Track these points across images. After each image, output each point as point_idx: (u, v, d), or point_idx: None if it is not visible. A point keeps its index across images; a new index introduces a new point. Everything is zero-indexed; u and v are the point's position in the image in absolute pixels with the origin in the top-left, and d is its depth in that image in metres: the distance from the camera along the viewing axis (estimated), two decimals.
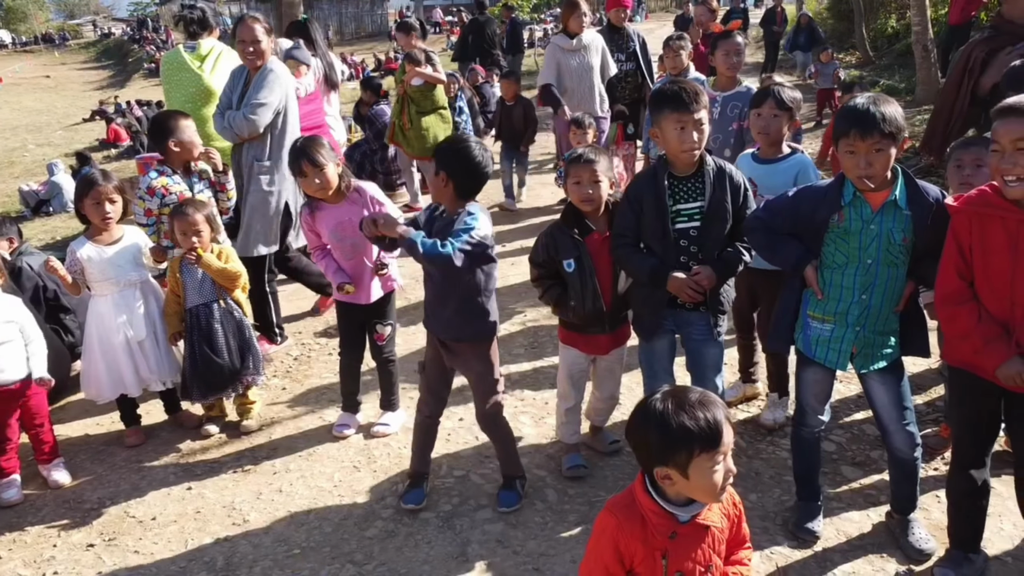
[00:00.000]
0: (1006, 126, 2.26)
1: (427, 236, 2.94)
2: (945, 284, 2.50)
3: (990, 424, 2.61)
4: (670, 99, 2.89)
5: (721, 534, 1.95)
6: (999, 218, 2.33)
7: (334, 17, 35.09)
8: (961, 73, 3.81)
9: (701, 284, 2.92)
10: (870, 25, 16.37)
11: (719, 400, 1.83)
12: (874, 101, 2.53)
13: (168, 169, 4.14)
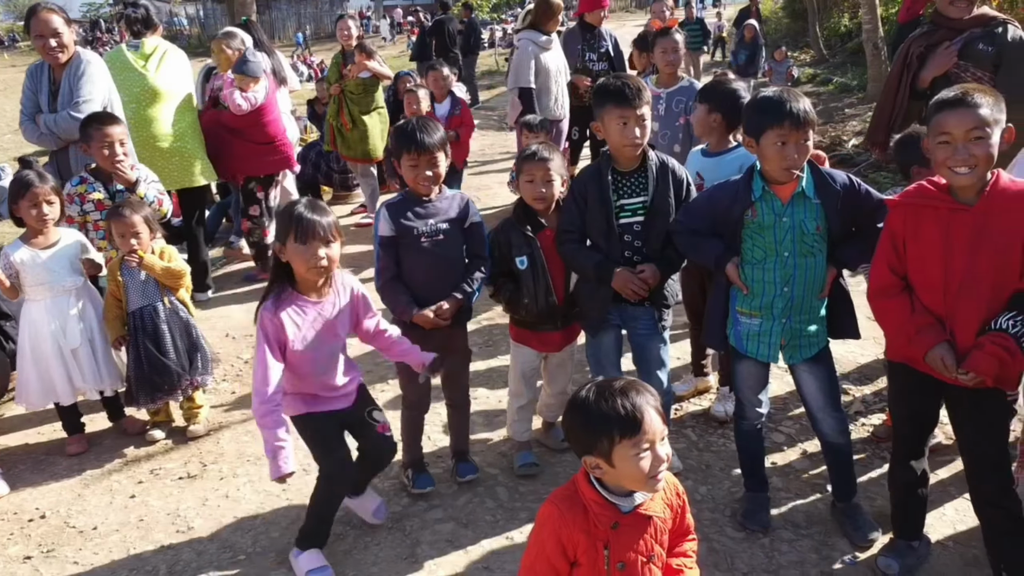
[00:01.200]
0: (958, 116, 2.24)
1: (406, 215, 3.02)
2: (878, 278, 2.52)
3: (928, 417, 2.65)
4: (612, 94, 2.89)
5: (664, 524, 1.94)
6: (932, 208, 2.36)
7: (292, 18, 34.72)
8: (900, 68, 3.87)
9: (646, 281, 2.93)
10: (823, 24, 16.66)
11: (648, 388, 1.83)
12: (792, 95, 2.59)
13: (89, 176, 4.06)
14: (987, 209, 2.28)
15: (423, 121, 3.05)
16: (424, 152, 2.96)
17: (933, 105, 2.34)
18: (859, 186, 2.71)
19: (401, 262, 3.08)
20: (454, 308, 3.09)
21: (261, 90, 5.64)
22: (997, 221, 2.26)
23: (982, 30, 3.70)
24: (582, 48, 6.53)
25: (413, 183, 3.04)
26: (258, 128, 5.62)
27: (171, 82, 4.95)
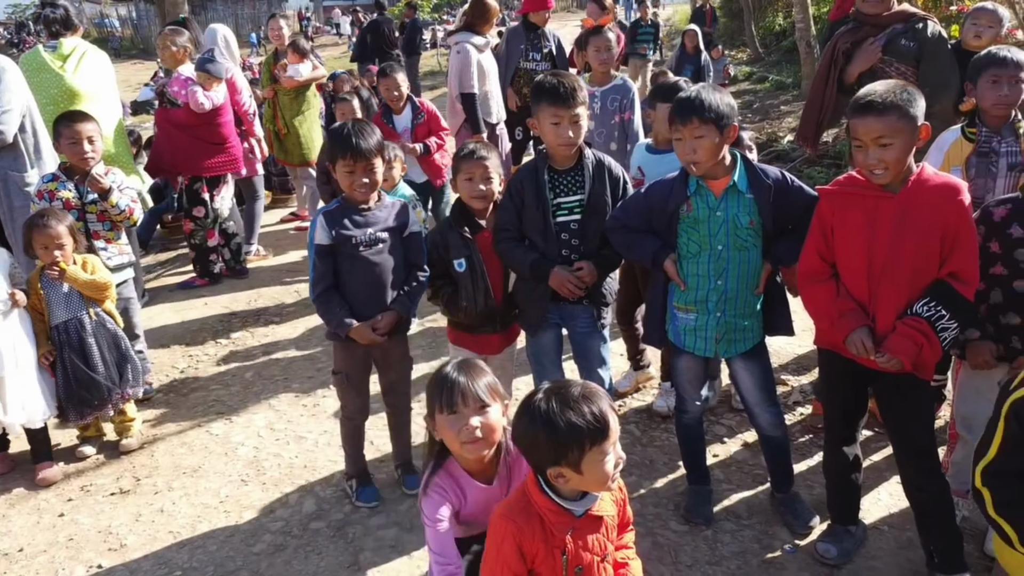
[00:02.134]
0: (865, 124, 2.32)
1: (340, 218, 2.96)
2: (806, 264, 2.58)
3: (858, 403, 2.71)
4: (547, 92, 2.88)
5: (613, 521, 1.96)
6: (859, 196, 2.42)
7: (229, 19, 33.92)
8: (828, 64, 3.96)
9: (583, 279, 2.93)
10: (759, 23, 17.01)
11: (601, 390, 1.83)
12: (702, 90, 2.63)
13: (62, 174, 3.93)
14: (909, 198, 2.35)
15: (359, 124, 2.98)
16: (360, 158, 2.89)
17: (850, 108, 2.40)
18: (791, 182, 2.75)
19: (338, 271, 3.01)
20: (391, 323, 3.04)
21: (222, 91, 5.53)
22: (918, 210, 2.34)
23: (904, 26, 3.80)
24: (525, 48, 6.33)
25: (349, 190, 2.98)
26: (211, 128, 5.52)
27: (91, 83, 4.78)
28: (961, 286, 2.34)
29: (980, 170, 3.02)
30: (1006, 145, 2.99)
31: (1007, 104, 2.94)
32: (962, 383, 2.82)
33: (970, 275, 2.35)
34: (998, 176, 3.00)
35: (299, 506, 3.25)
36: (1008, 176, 2.98)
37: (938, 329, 2.34)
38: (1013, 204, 2.50)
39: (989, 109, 2.98)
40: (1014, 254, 2.46)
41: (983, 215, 2.54)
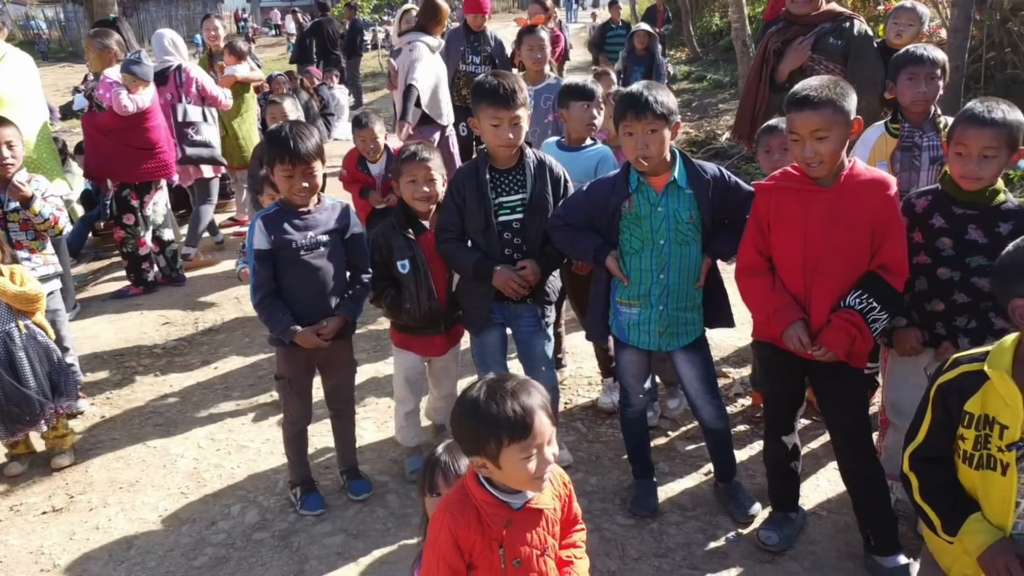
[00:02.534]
0: (803, 118, 2.39)
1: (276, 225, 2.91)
2: (743, 258, 2.64)
3: (794, 393, 2.78)
4: (487, 93, 2.88)
5: (555, 515, 1.94)
6: (794, 191, 2.49)
7: (163, 20, 33.05)
8: (760, 64, 4.06)
9: (526, 278, 2.93)
10: (696, 23, 17.31)
11: (538, 388, 1.81)
12: (649, 87, 2.67)
13: None
14: (842, 191, 2.43)
15: (298, 126, 2.91)
16: (299, 162, 2.84)
17: (786, 102, 2.47)
18: (728, 178, 2.81)
19: (279, 276, 2.95)
20: (337, 327, 3.00)
21: (149, 93, 5.36)
22: (850, 203, 2.42)
23: (832, 25, 3.92)
24: (464, 50, 6.34)
25: (288, 194, 2.92)
26: (139, 132, 5.34)
27: (10, 87, 4.59)
28: (891, 278, 2.43)
29: (904, 164, 3.12)
30: (927, 139, 3.10)
31: (925, 100, 3.06)
32: (890, 370, 2.91)
33: (900, 267, 2.44)
34: (921, 169, 3.11)
35: (242, 517, 3.18)
36: (931, 169, 3.10)
37: (869, 320, 2.42)
38: (933, 195, 2.59)
39: (909, 106, 3.10)
40: (935, 243, 2.55)
41: (906, 206, 2.63)
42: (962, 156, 2.42)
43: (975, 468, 1.79)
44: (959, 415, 1.81)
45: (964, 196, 2.49)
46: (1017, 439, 1.71)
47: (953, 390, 1.83)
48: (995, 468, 1.76)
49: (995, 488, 1.77)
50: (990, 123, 2.37)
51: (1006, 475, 1.73)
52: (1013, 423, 1.71)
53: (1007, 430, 1.72)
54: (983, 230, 2.47)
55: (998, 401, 1.74)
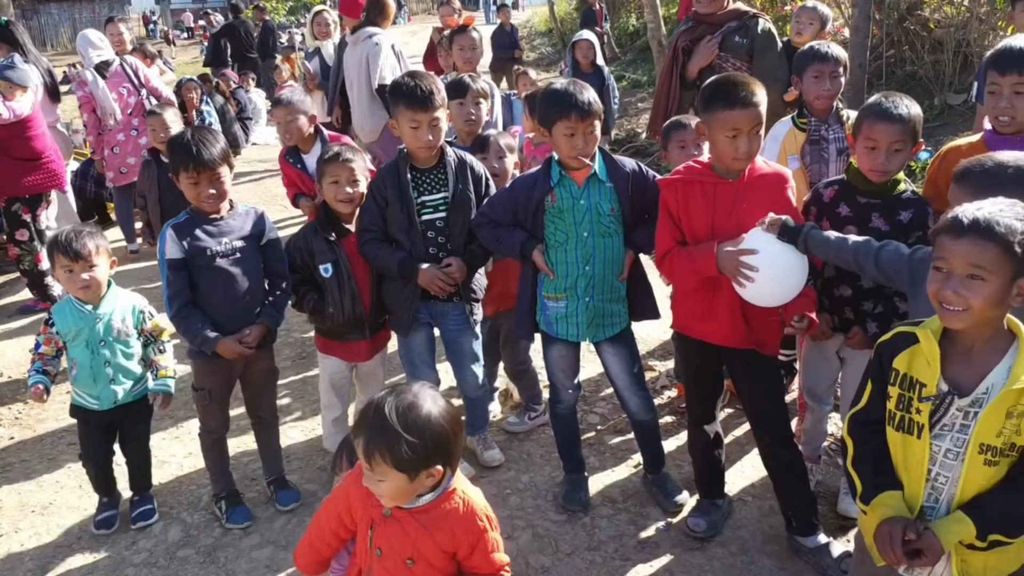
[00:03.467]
0: (747, 115, 2.42)
1: None
2: (661, 245, 2.69)
3: (714, 382, 2.86)
4: (404, 95, 2.86)
5: (433, 541, 1.84)
6: (699, 184, 2.57)
7: (66, 22, 31.74)
8: (671, 63, 4.17)
9: (452, 276, 2.93)
10: (614, 24, 17.57)
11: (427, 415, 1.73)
12: (577, 86, 2.71)
13: None
14: (744, 183, 2.54)
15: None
16: (204, 168, 2.77)
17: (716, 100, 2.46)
18: (647, 172, 2.86)
19: (194, 285, 2.86)
20: (260, 335, 2.94)
21: (28, 100, 5.09)
22: (751, 193, 2.52)
23: (737, 24, 4.04)
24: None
25: (196, 202, 2.84)
26: (22, 142, 5.03)
27: None
28: None
29: (814, 156, 3.25)
30: (833, 132, 3.24)
31: (829, 96, 3.19)
32: (804, 355, 3.02)
33: None
34: (830, 161, 3.24)
35: (164, 534, 3.07)
36: (838, 160, 3.23)
37: None
38: (839, 185, 2.70)
39: (813, 102, 3.23)
40: (842, 231, 2.65)
41: (814, 196, 2.73)
42: (873, 151, 2.50)
43: (896, 429, 1.86)
44: (891, 372, 1.87)
45: (868, 186, 2.60)
46: (931, 394, 1.78)
47: (887, 348, 1.89)
48: (912, 432, 1.82)
49: (911, 453, 1.83)
50: (897, 119, 2.45)
51: (920, 438, 1.80)
52: (930, 381, 1.78)
53: (924, 387, 1.79)
54: (885, 218, 2.58)
55: (922, 362, 1.80)
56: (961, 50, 7.31)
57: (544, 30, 24.44)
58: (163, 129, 4.55)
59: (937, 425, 1.78)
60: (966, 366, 1.77)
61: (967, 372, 1.76)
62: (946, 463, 1.79)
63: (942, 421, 1.78)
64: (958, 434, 1.77)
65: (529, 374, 3.64)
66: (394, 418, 1.70)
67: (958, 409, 1.75)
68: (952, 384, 1.76)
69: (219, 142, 2.84)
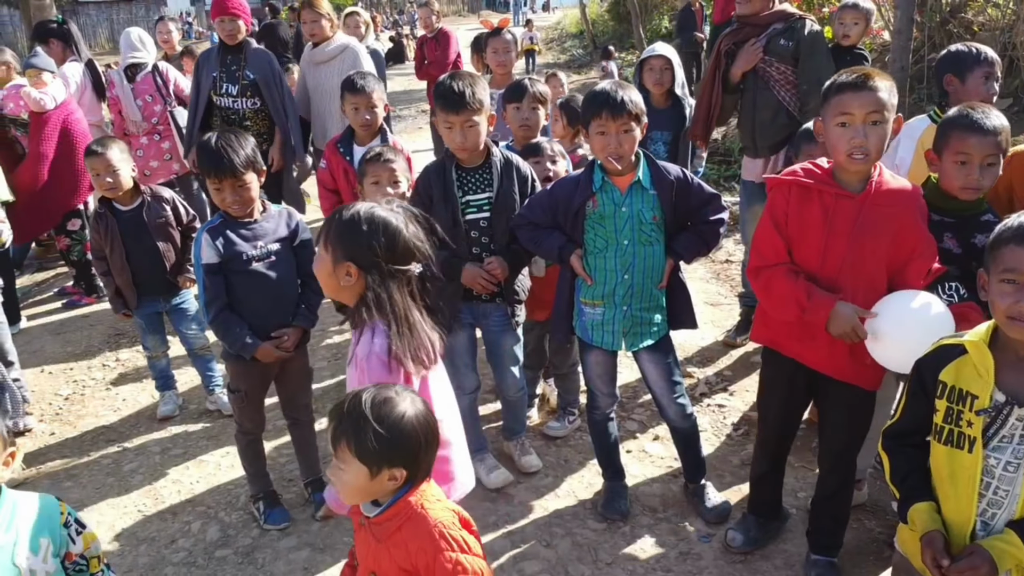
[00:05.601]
0: (859, 99, 2.21)
1: None
2: (760, 256, 2.46)
3: (798, 407, 2.69)
4: (440, 96, 2.87)
5: (389, 555, 1.72)
6: (817, 191, 2.34)
7: (104, 23, 32.25)
8: (714, 66, 4.08)
9: (494, 274, 2.91)
10: (646, 26, 17.48)
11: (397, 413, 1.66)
12: (620, 86, 2.65)
13: None
14: (870, 199, 2.28)
15: (227, 136, 2.81)
16: (227, 175, 2.76)
17: (832, 87, 2.27)
18: (691, 179, 2.80)
19: (231, 288, 2.86)
20: (296, 339, 2.94)
21: (59, 87, 5.17)
22: (878, 212, 2.26)
23: (783, 26, 3.95)
24: (217, 77, 4.85)
25: (221, 207, 2.85)
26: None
27: None
28: None
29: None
30: None
31: (988, 97, 2.96)
32: None
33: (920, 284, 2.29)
34: None
35: (202, 534, 3.08)
36: None
37: None
38: None
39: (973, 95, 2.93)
40: None
41: None
42: (964, 165, 2.32)
43: (944, 443, 1.80)
44: (934, 387, 1.81)
45: (946, 203, 2.41)
46: (986, 406, 1.72)
47: (929, 363, 1.83)
48: (963, 447, 1.76)
49: (960, 468, 1.77)
50: (991, 131, 2.28)
51: (972, 452, 1.74)
52: (983, 392, 1.72)
53: (976, 399, 1.73)
54: (958, 239, 2.41)
55: (972, 373, 1.74)
56: (1007, 54, 7.14)
57: (575, 32, 24.40)
58: (108, 172, 3.57)
59: (996, 437, 1.72)
60: (1020, 374, 1.71)
61: (1022, 380, 1.70)
62: (1006, 476, 1.73)
63: (1001, 433, 1.72)
64: (1019, 445, 1.70)
65: (575, 377, 3.61)
66: (368, 407, 1.65)
67: (1018, 419, 1.69)
68: (1010, 394, 1.70)
69: (246, 147, 2.81)
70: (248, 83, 4.80)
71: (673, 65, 4.22)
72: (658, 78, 4.24)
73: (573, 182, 2.83)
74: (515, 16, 34.99)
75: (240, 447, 3.13)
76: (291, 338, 2.91)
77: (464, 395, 3.01)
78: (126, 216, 3.60)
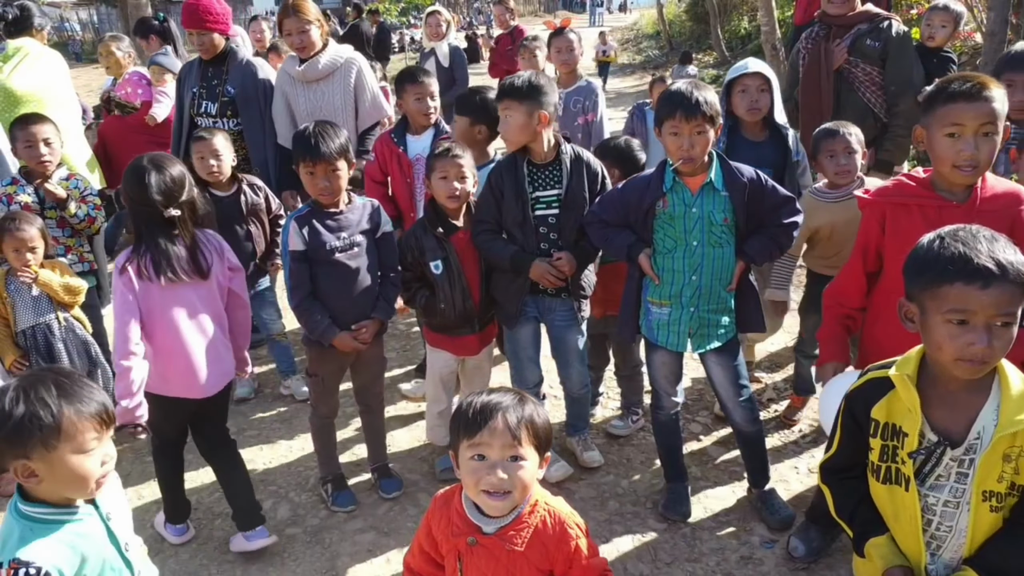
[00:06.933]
0: (973, 109, 2.09)
1: None
2: (836, 283, 2.53)
3: None
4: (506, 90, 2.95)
5: (529, 562, 1.76)
6: (918, 207, 2.24)
7: None
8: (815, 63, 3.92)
9: (562, 270, 2.94)
10: (725, 27, 17.22)
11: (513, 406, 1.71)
12: (696, 87, 2.64)
13: (21, 178, 3.84)
14: (977, 207, 2.18)
15: (321, 126, 2.91)
16: (320, 160, 2.84)
17: (941, 95, 2.16)
18: (765, 181, 2.77)
19: (314, 276, 2.96)
20: (374, 331, 3.03)
21: (167, 106, 5.45)
22: (987, 218, 2.03)
23: (869, 26, 3.86)
24: (197, 94, 4.39)
25: (312, 193, 2.95)
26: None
27: (32, 85, 4.62)
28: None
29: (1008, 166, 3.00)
30: None
31: None
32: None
33: None
34: None
35: (274, 512, 3.20)
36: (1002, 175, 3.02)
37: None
38: None
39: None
40: None
41: None
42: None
43: (882, 482, 1.74)
44: (867, 423, 1.75)
45: None
46: (915, 447, 1.65)
47: (859, 397, 1.77)
48: (900, 483, 1.70)
49: (902, 506, 1.72)
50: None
51: (908, 491, 1.68)
52: (912, 430, 1.66)
53: (907, 438, 1.67)
54: None
55: (902, 408, 1.67)
56: None
57: (652, 32, 24.19)
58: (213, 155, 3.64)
59: (931, 476, 1.67)
60: (951, 410, 1.64)
61: (953, 416, 1.64)
62: (947, 513, 1.68)
63: (936, 472, 1.66)
64: (956, 484, 1.65)
65: (638, 378, 3.60)
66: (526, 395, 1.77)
67: (952, 460, 1.63)
68: (941, 432, 1.64)
69: (339, 137, 2.90)
70: (228, 100, 4.30)
71: (771, 86, 3.38)
72: (753, 102, 3.35)
73: (644, 181, 2.83)
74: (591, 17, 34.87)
75: (314, 429, 3.24)
76: (369, 330, 3.00)
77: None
78: (224, 202, 3.72)
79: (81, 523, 1.64)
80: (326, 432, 3.24)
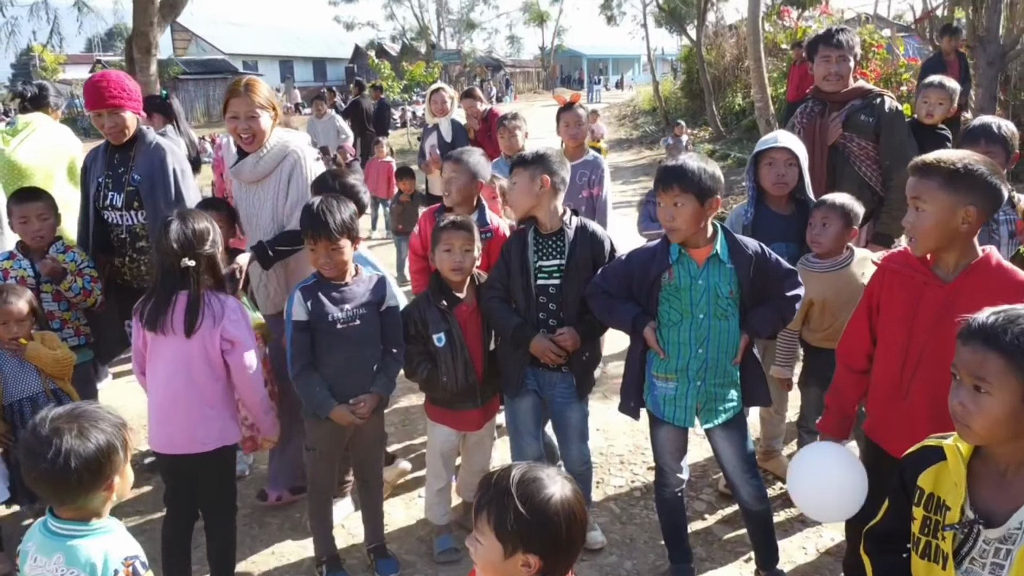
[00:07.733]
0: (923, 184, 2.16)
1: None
2: (843, 343, 2.53)
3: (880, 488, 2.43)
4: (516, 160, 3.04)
5: None
6: (908, 278, 2.27)
7: (201, 98, 34.35)
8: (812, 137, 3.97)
9: (563, 345, 2.91)
10: (719, 103, 17.64)
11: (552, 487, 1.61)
12: (691, 158, 2.67)
13: (18, 252, 3.81)
14: (960, 287, 2.16)
15: (329, 201, 2.90)
16: (321, 237, 2.85)
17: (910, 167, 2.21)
18: (769, 255, 2.77)
19: (315, 347, 2.94)
20: (372, 406, 2.98)
21: None
22: (967, 301, 1.95)
23: (862, 102, 3.93)
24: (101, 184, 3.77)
25: (315, 266, 2.95)
26: None
27: (37, 158, 4.68)
28: None
29: (982, 239, 3.01)
30: (1004, 214, 3.07)
31: None
32: None
33: None
34: (1001, 244, 3.07)
35: None
36: (1009, 244, 3.07)
37: None
38: None
39: None
40: None
41: None
42: None
43: (921, 557, 1.67)
44: (914, 491, 1.69)
45: None
46: (956, 520, 1.58)
47: (911, 463, 1.72)
48: (939, 561, 1.62)
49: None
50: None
51: (945, 569, 1.60)
52: (955, 504, 1.59)
53: (949, 512, 1.60)
54: None
55: (949, 481, 1.61)
56: None
57: (648, 108, 24.76)
58: None
59: (967, 559, 1.58)
60: (999, 491, 1.56)
61: (1000, 499, 1.56)
62: None
63: (971, 555, 1.57)
64: (990, 574, 1.54)
65: None
66: (514, 483, 1.60)
67: (986, 543, 1.55)
68: (981, 511, 1.56)
69: (344, 213, 2.90)
70: (134, 189, 3.65)
71: (799, 161, 3.34)
72: (780, 176, 3.31)
73: (650, 253, 2.82)
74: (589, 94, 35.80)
75: (311, 506, 3.16)
76: (367, 405, 2.95)
77: None
78: None
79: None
80: (324, 510, 3.15)
